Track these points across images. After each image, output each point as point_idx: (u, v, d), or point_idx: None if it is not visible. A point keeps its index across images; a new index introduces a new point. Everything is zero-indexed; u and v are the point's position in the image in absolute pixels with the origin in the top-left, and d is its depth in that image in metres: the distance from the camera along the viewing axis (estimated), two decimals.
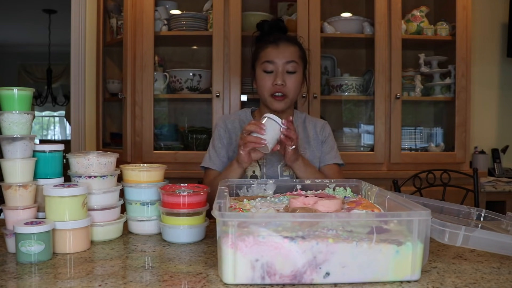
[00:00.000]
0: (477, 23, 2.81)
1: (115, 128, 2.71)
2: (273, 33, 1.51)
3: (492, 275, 0.85)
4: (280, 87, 1.43)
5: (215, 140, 1.53)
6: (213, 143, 1.53)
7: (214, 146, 1.52)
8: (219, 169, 1.48)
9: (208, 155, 1.52)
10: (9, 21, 6.08)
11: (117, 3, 2.62)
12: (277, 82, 1.42)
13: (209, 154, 1.52)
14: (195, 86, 2.39)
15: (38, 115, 8.78)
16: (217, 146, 1.51)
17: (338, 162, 1.53)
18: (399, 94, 2.34)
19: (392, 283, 0.80)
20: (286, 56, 1.44)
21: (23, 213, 1.00)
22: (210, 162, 1.50)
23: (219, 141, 1.52)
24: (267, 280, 0.78)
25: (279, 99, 1.44)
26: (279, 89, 1.43)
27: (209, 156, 1.52)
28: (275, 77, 1.43)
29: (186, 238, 1.07)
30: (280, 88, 1.43)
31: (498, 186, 2.50)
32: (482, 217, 1.10)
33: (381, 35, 2.35)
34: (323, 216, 0.82)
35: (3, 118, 1.02)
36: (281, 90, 1.43)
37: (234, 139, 1.51)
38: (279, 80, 1.42)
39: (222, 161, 1.49)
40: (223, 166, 1.47)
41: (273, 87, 1.43)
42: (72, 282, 0.80)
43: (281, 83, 1.42)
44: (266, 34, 1.52)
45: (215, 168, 1.48)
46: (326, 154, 1.53)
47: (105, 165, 1.13)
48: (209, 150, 1.53)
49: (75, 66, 2.79)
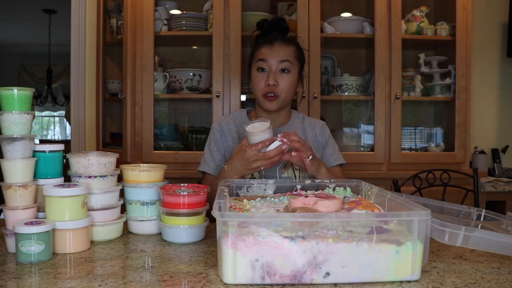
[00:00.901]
0: (477, 23, 2.81)
1: (115, 128, 2.71)
2: (272, 32, 1.51)
3: (492, 275, 0.85)
4: (272, 88, 1.43)
5: (210, 144, 1.53)
6: (209, 147, 1.54)
7: (210, 150, 1.53)
8: (214, 174, 1.48)
9: (204, 158, 1.53)
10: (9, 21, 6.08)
11: (117, 3, 2.62)
12: (269, 82, 1.43)
13: (205, 158, 1.53)
14: (195, 86, 2.39)
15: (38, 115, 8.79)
16: (213, 150, 1.52)
17: (342, 163, 1.55)
18: (399, 94, 2.34)
19: (392, 283, 0.80)
20: (279, 55, 1.44)
21: (23, 213, 1.00)
22: (206, 166, 1.51)
23: (214, 145, 1.52)
24: (267, 280, 0.78)
25: (270, 99, 1.45)
26: (271, 89, 1.43)
27: (205, 160, 1.53)
28: (267, 77, 1.44)
29: (186, 238, 1.07)
30: (272, 88, 1.43)
31: (498, 186, 2.50)
32: (482, 217, 1.10)
33: (381, 35, 2.35)
34: (323, 216, 0.82)
35: (3, 118, 1.02)
36: (273, 91, 1.43)
37: (231, 141, 1.52)
38: (271, 80, 1.42)
39: (218, 165, 1.49)
40: (218, 170, 1.48)
41: (265, 87, 1.44)
42: (72, 282, 0.80)
43: (273, 83, 1.43)
44: (265, 34, 1.52)
45: (211, 173, 1.49)
46: (330, 156, 1.54)
47: (105, 165, 1.13)
48: (205, 153, 1.54)
49: (75, 66, 2.79)
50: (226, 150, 1.51)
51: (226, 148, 1.52)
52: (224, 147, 1.52)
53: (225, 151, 1.52)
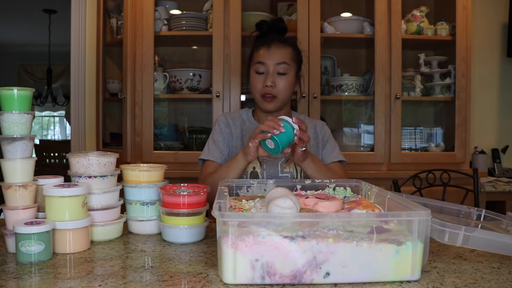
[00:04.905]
0: (477, 23, 2.81)
1: (115, 128, 2.71)
2: (271, 33, 1.52)
3: (492, 275, 0.85)
4: (270, 89, 1.45)
5: (215, 134, 1.53)
6: (213, 138, 1.52)
7: (214, 140, 1.51)
8: (218, 161, 1.47)
9: (207, 148, 1.51)
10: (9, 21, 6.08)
11: (117, 3, 2.62)
12: (267, 84, 1.45)
13: (208, 147, 1.51)
14: (195, 86, 2.39)
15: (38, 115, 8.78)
16: (217, 140, 1.51)
17: (342, 159, 1.56)
18: (399, 94, 2.34)
19: (392, 283, 0.80)
20: (276, 57, 1.45)
21: (23, 213, 1.00)
22: (210, 154, 1.49)
23: (219, 135, 1.52)
24: (267, 280, 0.78)
25: (268, 100, 1.46)
26: (268, 90, 1.45)
27: (208, 148, 1.51)
28: (265, 78, 1.46)
29: (186, 238, 1.07)
30: (269, 89, 1.45)
31: (498, 186, 2.50)
32: (482, 217, 1.10)
33: (381, 35, 2.35)
34: (323, 216, 0.82)
35: (3, 118, 1.02)
36: (270, 92, 1.45)
37: (235, 136, 1.52)
38: (268, 82, 1.44)
39: (223, 154, 1.49)
40: (223, 159, 1.48)
41: (263, 88, 1.46)
42: (72, 282, 0.80)
43: (270, 85, 1.44)
44: (264, 35, 1.53)
45: (215, 160, 1.48)
46: (330, 153, 1.55)
47: (105, 165, 1.13)
48: (208, 143, 1.53)
49: (75, 66, 2.79)
50: (230, 142, 1.52)
51: (230, 141, 1.52)
52: (229, 140, 1.52)
53: (229, 143, 1.51)
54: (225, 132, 1.52)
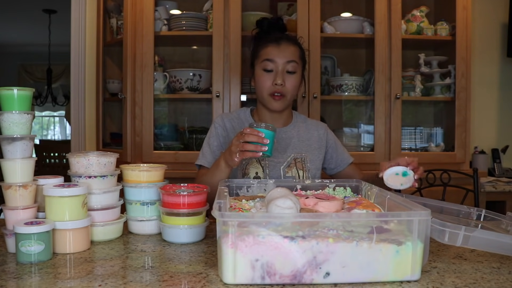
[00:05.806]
0: (477, 23, 2.81)
1: (115, 128, 2.71)
2: (272, 31, 1.50)
3: (492, 275, 0.85)
4: (280, 87, 1.42)
5: (211, 138, 1.51)
6: (208, 141, 1.51)
7: (210, 144, 1.50)
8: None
9: (202, 153, 1.50)
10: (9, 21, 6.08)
11: (117, 3, 2.62)
12: (277, 82, 1.41)
13: (203, 152, 1.50)
14: (195, 86, 2.39)
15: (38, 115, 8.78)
16: (213, 145, 1.49)
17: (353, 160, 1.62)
18: (399, 94, 2.34)
19: (392, 283, 0.80)
20: (286, 55, 1.42)
21: (23, 213, 1.01)
22: (204, 160, 1.48)
23: (215, 139, 1.50)
24: (267, 280, 0.78)
25: (277, 99, 1.43)
26: (278, 89, 1.42)
27: (203, 153, 1.50)
28: (274, 77, 1.42)
29: (186, 238, 1.07)
30: (279, 88, 1.42)
31: (498, 186, 2.50)
32: (482, 217, 1.10)
33: (381, 35, 2.35)
34: (324, 216, 0.82)
35: (3, 118, 1.02)
36: (280, 90, 1.42)
37: (232, 138, 1.50)
38: (279, 80, 1.41)
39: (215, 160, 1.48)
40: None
41: (272, 86, 1.42)
42: (72, 282, 0.80)
43: (280, 83, 1.41)
44: (265, 32, 1.51)
45: (208, 166, 1.45)
46: (343, 156, 1.60)
47: (105, 165, 1.13)
48: (204, 147, 1.51)
49: (75, 66, 2.79)
50: (226, 146, 1.49)
51: (225, 144, 1.49)
52: (225, 144, 1.49)
53: (224, 147, 1.49)
54: (222, 135, 1.50)
